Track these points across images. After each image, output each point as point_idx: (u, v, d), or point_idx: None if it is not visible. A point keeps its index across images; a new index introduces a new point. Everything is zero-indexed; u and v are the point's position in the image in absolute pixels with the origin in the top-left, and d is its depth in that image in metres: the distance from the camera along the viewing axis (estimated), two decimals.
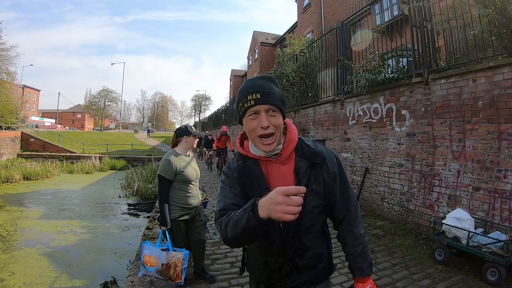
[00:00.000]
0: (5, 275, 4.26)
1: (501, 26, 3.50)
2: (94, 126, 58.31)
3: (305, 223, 1.00)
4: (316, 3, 17.21)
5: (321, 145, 1.07)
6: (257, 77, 1.02)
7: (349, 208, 1.09)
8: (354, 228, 1.11)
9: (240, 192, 1.02)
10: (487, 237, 2.81)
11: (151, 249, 2.59)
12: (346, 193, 1.07)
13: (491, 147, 3.20)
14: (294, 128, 1.06)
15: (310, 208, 0.99)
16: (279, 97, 0.98)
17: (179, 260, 2.50)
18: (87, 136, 28.02)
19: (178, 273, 2.48)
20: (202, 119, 44.12)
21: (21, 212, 8.18)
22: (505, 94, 3.06)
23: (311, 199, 0.99)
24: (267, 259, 1.07)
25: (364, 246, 1.11)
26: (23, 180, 13.18)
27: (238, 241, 0.92)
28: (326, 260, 1.12)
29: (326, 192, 1.03)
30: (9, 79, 21.79)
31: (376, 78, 4.79)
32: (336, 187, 1.04)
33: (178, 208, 2.67)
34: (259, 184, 1.00)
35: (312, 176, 1.00)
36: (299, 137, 1.05)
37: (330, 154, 1.07)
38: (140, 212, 8.29)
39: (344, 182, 1.07)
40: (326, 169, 1.02)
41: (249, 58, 30.63)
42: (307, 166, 1.00)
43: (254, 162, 1.04)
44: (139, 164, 17.76)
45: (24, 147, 20.65)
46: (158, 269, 2.53)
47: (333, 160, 1.06)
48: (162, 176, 2.62)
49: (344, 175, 1.08)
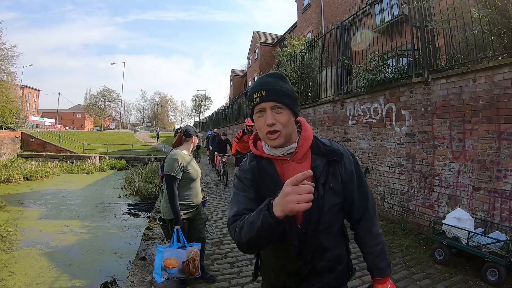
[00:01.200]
0: (5, 275, 4.26)
1: (501, 26, 3.50)
2: (94, 126, 58.33)
3: (324, 222, 0.97)
4: (316, 3, 17.21)
5: (337, 143, 1.05)
6: (266, 75, 1.01)
7: (367, 207, 1.06)
8: (372, 227, 1.08)
9: (254, 196, 0.99)
10: (487, 237, 2.81)
11: (169, 251, 2.54)
12: (363, 191, 1.05)
13: (491, 147, 3.20)
14: (308, 126, 1.04)
15: (328, 206, 0.97)
16: (286, 93, 0.96)
17: (196, 254, 2.57)
18: (87, 136, 28.03)
19: (196, 266, 2.56)
20: (202, 119, 44.15)
21: (21, 212, 8.18)
22: (505, 94, 3.06)
23: (330, 197, 0.97)
24: (284, 262, 1.02)
25: (382, 246, 1.08)
26: (23, 180, 13.18)
27: (254, 244, 0.89)
28: (346, 262, 1.09)
29: (344, 190, 1.00)
30: (9, 79, 21.78)
31: (376, 78, 4.79)
32: (354, 185, 1.02)
33: (183, 206, 2.71)
34: (274, 184, 0.97)
35: (330, 174, 0.97)
36: (314, 135, 1.03)
37: (347, 152, 1.04)
38: (140, 212, 8.28)
39: (361, 180, 1.04)
40: (343, 167, 1.00)
41: (249, 58, 30.63)
42: (324, 164, 0.97)
43: (268, 162, 1.01)
44: (139, 164, 17.75)
45: (24, 147, 20.65)
46: (180, 268, 2.52)
47: (349, 158, 1.03)
48: (171, 175, 2.62)
49: (361, 173, 1.05)
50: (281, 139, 0.95)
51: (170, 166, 2.64)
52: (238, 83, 36.67)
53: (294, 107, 0.98)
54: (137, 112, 70.34)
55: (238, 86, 35.46)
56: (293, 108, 0.97)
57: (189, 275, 2.57)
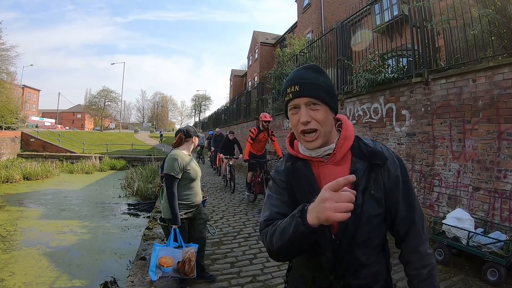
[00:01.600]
0: (5, 275, 4.26)
1: (501, 26, 3.50)
2: (94, 126, 58.34)
3: (362, 234, 0.85)
4: (316, 3, 17.21)
5: (381, 145, 0.93)
6: (301, 67, 0.92)
7: (414, 220, 0.91)
8: (420, 245, 0.92)
9: (288, 199, 0.92)
10: (487, 237, 2.81)
11: (165, 250, 2.58)
12: (410, 201, 0.91)
13: (491, 147, 3.20)
14: (350, 125, 0.93)
15: (368, 216, 0.85)
16: (323, 88, 0.86)
17: (192, 255, 2.58)
18: (87, 136, 28.03)
19: (192, 267, 2.57)
20: (202, 119, 44.14)
21: (21, 212, 8.18)
22: (505, 94, 3.05)
23: (370, 206, 0.85)
24: (316, 275, 0.93)
25: (431, 269, 0.91)
26: (23, 180, 13.18)
27: (285, 253, 0.83)
28: (384, 282, 0.95)
29: (387, 198, 0.88)
30: (9, 79, 21.78)
31: (376, 78, 4.79)
32: (399, 194, 0.89)
33: (182, 206, 2.73)
34: (309, 188, 0.89)
35: (371, 179, 0.86)
36: (356, 135, 0.93)
37: (392, 155, 0.92)
38: (140, 212, 8.29)
39: (407, 188, 0.91)
40: (387, 172, 0.88)
41: (249, 58, 30.63)
42: (366, 168, 0.87)
43: (304, 164, 0.93)
44: (139, 164, 17.75)
45: (24, 147, 20.65)
46: (174, 268, 2.55)
47: (395, 162, 0.90)
48: (171, 174, 2.65)
49: (408, 180, 0.92)
50: (319, 140, 0.86)
51: (170, 166, 2.66)
52: (238, 83, 36.67)
53: (333, 103, 0.88)
54: (137, 112, 70.46)
55: (238, 86, 35.45)
56: (330, 104, 0.87)
57: (184, 275, 2.58)
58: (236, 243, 3.92)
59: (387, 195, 0.88)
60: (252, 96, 13.61)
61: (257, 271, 3.08)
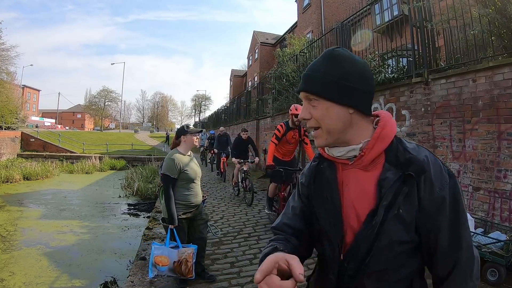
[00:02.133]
0: (5, 275, 4.26)
1: (501, 26, 3.50)
2: (94, 126, 58.33)
3: (377, 263, 0.67)
4: (316, 3, 17.22)
5: (428, 152, 0.72)
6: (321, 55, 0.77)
7: (460, 260, 0.67)
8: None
9: (301, 209, 0.82)
10: (487, 237, 2.81)
11: (161, 249, 2.62)
12: (457, 234, 0.67)
13: (491, 147, 3.20)
14: (390, 123, 0.75)
15: (388, 241, 0.67)
16: (322, 80, 0.72)
17: (189, 256, 2.58)
18: (87, 136, 28.03)
19: (189, 268, 2.57)
20: (202, 119, 44.14)
21: (21, 212, 8.18)
22: (505, 94, 3.05)
23: (394, 228, 0.67)
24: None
25: None
26: (23, 180, 13.18)
27: None
28: None
29: (422, 223, 0.67)
30: (9, 79, 21.78)
31: (376, 78, 4.79)
32: (442, 221, 0.67)
33: (181, 206, 2.73)
34: (327, 194, 0.76)
35: (401, 194, 0.67)
36: (398, 137, 0.75)
37: (440, 168, 0.69)
38: (140, 212, 8.29)
39: (457, 216, 0.67)
40: (428, 189, 0.67)
41: (249, 58, 30.64)
42: (397, 179, 0.68)
43: (329, 165, 0.79)
44: (139, 164, 17.76)
45: (24, 147, 20.65)
46: (170, 267, 2.58)
47: (443, 178, 0.68)
48: (167, 175, 2.67)
49: (459, 204, 0.68)
50: (323, 138, 0.74)
51: (166, 166, 2.69)
52: (238, 83, 36.68)
53: (336, 96, 0.71)
54: (137, 112, 70.42)
55: (238, 86, 35.45)
56: (332, 98, 0.71)
57: (182, 276, 2.59)
58: (236, 243, 3.92)
59: (423, 220, 0.67)
60: (252, 96, 13.61)
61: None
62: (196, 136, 2.83)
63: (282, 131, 4.16)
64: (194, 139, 2.82)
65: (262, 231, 4.37)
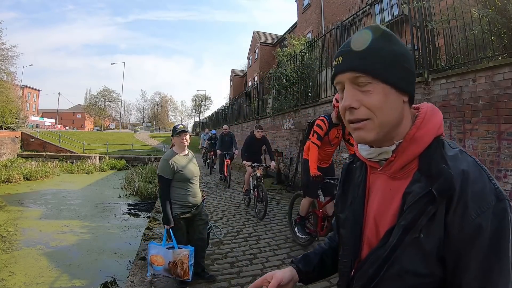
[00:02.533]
0: (5, 275, 4.26)
1: (501, 26, 3.50)
2: (94, 126, 58.32)
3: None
4: (316, 3, 17.23)
5: (472, 164, 0.55)
6: (359, 31, 0.61)
7: None
8: None
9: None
10: None
11: (157, 248, 2.65)
12: (486, 277, 0.50)
13: (491, 147, 3.20)
14: (431, 120, 0.60)
15: (399, 269, 0.55)
16: (381, 56, 0.56)
17: (185, 257, 2.57)
18: (87, 136, 28.02)
19: (185, 270, 2.56)
20: (202, 119, 44.14)
21: (21, 212, 8.18)
22: (505, 94, 3.05)
23: (408, 256, 0.54)
24: None
25: None
26: (23, 180, 13.17)
27: None
28: None
29: (448, 256, 0.52)
30: (9, 79, 21.78)
31: None
32: (471, 256, 0.50)
33: (178, 206, 2.73)
34: (352, 200, 0.68)
35: (425, 215, 0.53)
36: (440, 138, 0.59)
37: (484, 186, 0.52)
38: (140, 212, 8.29)
39: (494, 253, 0.49)
40: (459, 211, 0.51)
41: (249, 58, 30.65)
42: (424, 194, 0.54)
43: (361, 166, 0.70)
44: (139, 164, 17.76)
45: (24, 147, 20.65)
46: (165, 267, 2.59)
47: (484, 199, 0.50)
48: (161, 175, 2.71)
49: (503, 240, 0.49)
50: (372, 132, 0.58)
51: (160, 167, 2.72)
52: (238, 83, 36.69)
53: (399, 80, 0.57)
54: (137, 112, 70.44)
55: (238, 86, 35.47)
56: (394, 81, 0.57)
57: (177, 277, 2.60)
58: (236, 243, 3.92)
59: (450, 252, 0.52)
60: (252, 96, 13.61)
61: (257, 271, 3.08)
62: (180, 136, 2.79)
63: (325, 128, 3.13)
64: (179, 140, 2.81)
65: (262, 231, 4.37)
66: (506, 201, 0.51)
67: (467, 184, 0.51)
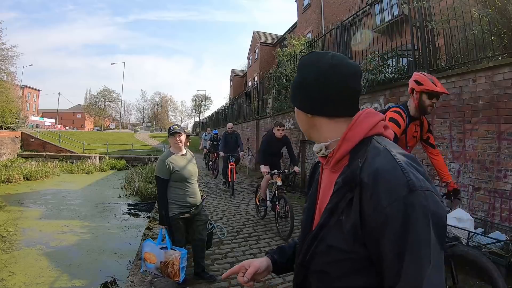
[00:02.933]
0: (5, 275, 4.26)
1: (501, 26, 3.50)
2: (94, 126, 58.32)
3: (317, 263, 0.67)
4: (316, 3, 17.22)
5: (389, 158, 0.61)
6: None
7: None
8: None
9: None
10: (487, 237, 2.81)
11: (151, 246, 2.69)
12: (397, 258, 0.54)
13: (491, 147, 3.20)
14: (362, 122, 0.69)
15: (326, 246, 0.65)
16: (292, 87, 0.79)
17: (176, 259, 2.58)
18: (87, 136, 28.02)
19: (175, 271, 2.57)
20: (202, 119, 44.13)
21: (21, 212, 8.17)
22: (505, 94, 3.05)
23: (333, 235, 0.64)
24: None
25: None
26: (23, 180, 13.17)
27: None
28: None
29: (367, 241, 0.59)
30: (9, 79, 21.75)
31: (376, 78, 4.79)
32: (383, 244, 0.56)
33: (176, 206, 2.73)
34: (312, 191, 0.82)
35: (344, 200, 0.62)
36: (371, 137, 0.67)
37: (396, 180, 0.57)
38: (140, 212, 8.29)
39: (402, 241, 0.54)
40: (372, 202, 0.57)
41: (249, 58, 30.64)
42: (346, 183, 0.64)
43: (319, 164, 0.84)
44: (139, 164, 17.73)
45: (24, 147, 20.64)
46: (157, 266, 2.63)
47: (395, 191, 0.56)
48: (158, 176, 2.73)
49: (412, 227, 0.53)
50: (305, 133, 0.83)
51: (157, 167, 2.75)
52: (238, 83, 36.68)
53: (297, 101, 0.77)
54: (137, 112, 70.44)
55: (238, 86, 35.46)
56: (295, 103, 0.78)
57: (167, 277, 2.63)
58: (236, 243, 3.92)
59: (368, 238, 0.58)
60: (252, 96, 13.61)
61: None
62: (174, 137, 2.78)
63: (403, 123, 2.19)
64: (173, 140, 2.81)
65: (262, 231, 4.37)
66: (418, 192, 0.55)
67: (380, 177, 0.58)
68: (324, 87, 0.70)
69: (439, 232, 0.56)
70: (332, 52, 0.76)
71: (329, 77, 0.70)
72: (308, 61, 0.75)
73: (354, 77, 0.71)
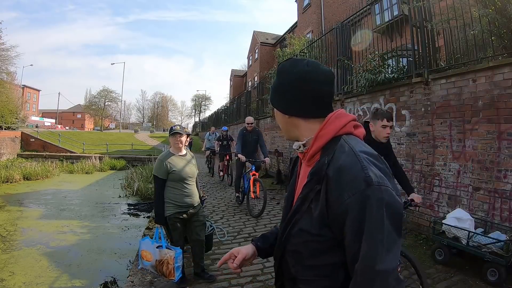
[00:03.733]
0: (5, 275, 4.26)
1: (501, 26, 3.50)
2: (94, 126, 58.33)
3: (291, 243, 0.78)
4: (316, 3, 17.21)
5: (352, 156, 0.69)
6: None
7: (356, 272, 0.64)
8: None
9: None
10: (487, 237, 2.81)
11: (147, 244, 2.72)
12: (357, 243, 0.63)
13: (491, 147, 3.20)
14: (334, 121, 0.77)
15: (298, 229, 0.75)
16: (271, 91, 0.87)
17: (171, 258, 2.60)
18: (87, 136, 28.03)
19: (170, 270, 2.59)
20: (202, 119, 44.12)
21: (21, 212, 8.18)
22: (505, 94, 3.05)
23: (303, 219, 0.74)
24: None
25: None
26: (23, 180, 13.17)
27: None
28: None
29: (332, 225, 0.68)
30: (9, 79, 21.79)
31: (376, 78, 4.79)
32: (345, 228, 0.66)
33: (173, 206, 2.74)
34: (291, 183, 0.92)
35: (313, 191, 0.72)
36: (340, 136, 0.76)
37: (355, 175, 0.65)
38: (140, 212, 8.29)
39: (360, 226, 0.63)
40: (336, 193, 0.67)
41: (249, 58, 30.64)
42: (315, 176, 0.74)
43: (297, 159, 0.94)
44: (139, 164, 17.73)
45: (24, 147, 20.64)
46: (152, 264, 2.66)
47: (355, 185, 0.64)
48: (155, 175, 2.76)
49: (368, 214, 0.62)
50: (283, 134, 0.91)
51: (155, 167, 2.78)
52: (238, 83, 36.68)
53: (276, 103, 0.85)
54: (137, 112, 70.41)
55: (238, 86, 35.46)
56: (273, 104, 0.87)
57: (162, 275, 2.66)
58: (236, 243, 3.92)
59: (334, 223, 0.68)
60: (252, 96, 13.61)
61: (257, 271, 3.09)
62: (175, 137, 2.77)
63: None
64: (173, 141, 2.81)
65: (262, 231, 4.37)
66: (374, 187, 0.64)
67: (343, 173, 0.67)
68: (298, 91, 0.79)
69: (394, 221, 0.64)
70: (307, 59, 0.83)
71: (303, 82, 0.78)
72: (285, 67, 0.83)
73: (326, 82, 0.79)
